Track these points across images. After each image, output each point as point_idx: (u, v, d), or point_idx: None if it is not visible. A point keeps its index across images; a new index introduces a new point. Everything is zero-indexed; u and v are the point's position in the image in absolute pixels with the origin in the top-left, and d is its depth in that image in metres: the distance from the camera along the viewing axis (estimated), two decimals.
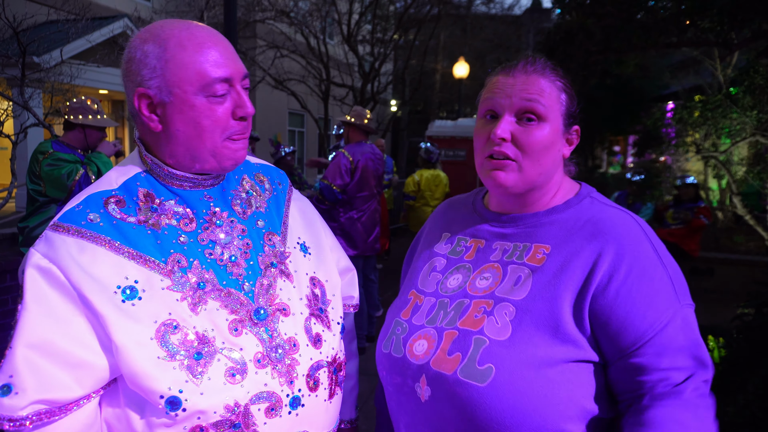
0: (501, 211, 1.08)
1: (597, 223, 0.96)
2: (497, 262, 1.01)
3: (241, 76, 0.96)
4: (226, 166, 0.98)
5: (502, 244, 1.04)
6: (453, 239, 1.13)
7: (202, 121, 0.92)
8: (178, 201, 0.99)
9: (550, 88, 0.99)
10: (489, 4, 20.58)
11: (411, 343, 1.00)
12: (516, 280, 0.96)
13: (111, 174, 1.00)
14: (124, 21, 8.72)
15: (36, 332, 0.84)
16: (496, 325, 0.93)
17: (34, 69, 4.83)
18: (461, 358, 0.91)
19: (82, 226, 0.91)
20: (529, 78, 0.99)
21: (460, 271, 1.05)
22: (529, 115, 0.97)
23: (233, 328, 0.92)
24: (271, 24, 10.95)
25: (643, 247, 0.92)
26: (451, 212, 1.21)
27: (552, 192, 1.04)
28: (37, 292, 0.86)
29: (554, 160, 1.00)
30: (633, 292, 0.89)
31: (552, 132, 0.98)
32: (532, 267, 0.96)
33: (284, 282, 1.02)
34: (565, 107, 1.00)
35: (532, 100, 0.97)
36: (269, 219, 1.08)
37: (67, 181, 3.21)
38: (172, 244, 0.94)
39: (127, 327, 0.86)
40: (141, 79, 0.93)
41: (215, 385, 0.88)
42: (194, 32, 0.93)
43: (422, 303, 1.06)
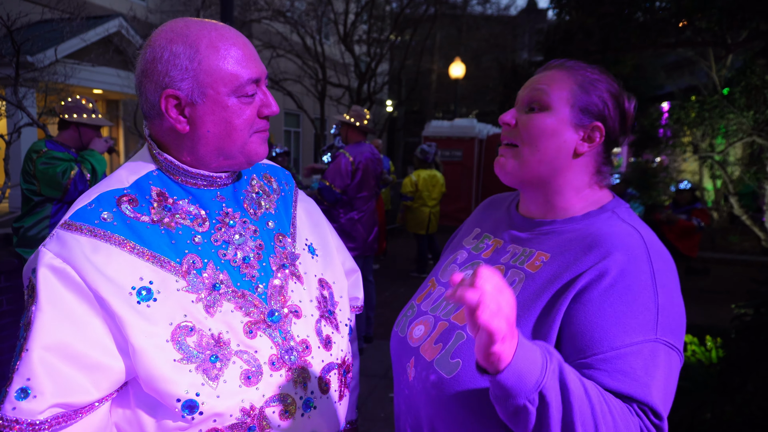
0: (526, 215, 1.07)
1: (599, 237, 0.92)
2: (504, 264, 1.02)
3: (265, 76, 0.98)
4: (253, 160, 0.99)
5: (514, 247, 1.04)
6: (480, 235, 1.16)
7: (234, 120, 0.93)
8: (191, 200, 0.97)
9: (564, 78, 0.99)
10: (485, 5, 20.62)
11: (413, 326, 1.06)
12: (510, 284, 0.96)
13: (121, 172, 0.98)
14: (119, 20, 8.67)
15: (52, 334, 0.82)
16: None
17: (27, 68, 4.79)
18: (441, 348, 0.96)
19: (96, 225, 0.88)
20: (549, 72, 1.01)
21: (473, 267, 1.04)
22: (532, 105, 1.00)
23: (248, 330, 0.91)
24: (267, 24, 10.93)
25: (639, 267, 0.87)
26: (489, 209, 1.22)
27: (571, 197, 1.01)
28: (52, 293, 0.84)
29: (559, 151, 0.98)
30: (606, 304, 0.84)
31: (555, 121, 0.97)
32: (527, 273, 0.96)
33: (295, 284, 1.02)
34: (576, 98, 0.98)
35: (539, 90, 0.99)
36: (279, 220, 1.08)
37: (62, 179, 3.18)
38: (187, 245, 0.93)
39: (144, 329, 0.84)
40: (170, 81, 0.91)
41: (231, 388, 0.87)
42: (224, 33, 0.93)
43: (434, 291, 1.11)
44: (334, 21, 11.51)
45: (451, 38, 19.05)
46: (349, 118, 4.29)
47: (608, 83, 1.01)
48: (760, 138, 4.58)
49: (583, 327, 0.84)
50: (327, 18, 11.95)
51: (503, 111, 4.11)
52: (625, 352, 0.81)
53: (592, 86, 0.99)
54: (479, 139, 11.79)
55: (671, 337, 0.85)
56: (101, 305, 0.85)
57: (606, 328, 0.83)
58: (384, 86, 13.83)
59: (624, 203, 1.03)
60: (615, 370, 0.81)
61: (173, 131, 0.95)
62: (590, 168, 1.01)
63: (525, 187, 1.04)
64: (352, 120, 4.27)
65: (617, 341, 0.82)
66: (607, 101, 0.99)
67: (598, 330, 0.83)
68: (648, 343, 0.82)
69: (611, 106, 1.00)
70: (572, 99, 0.98)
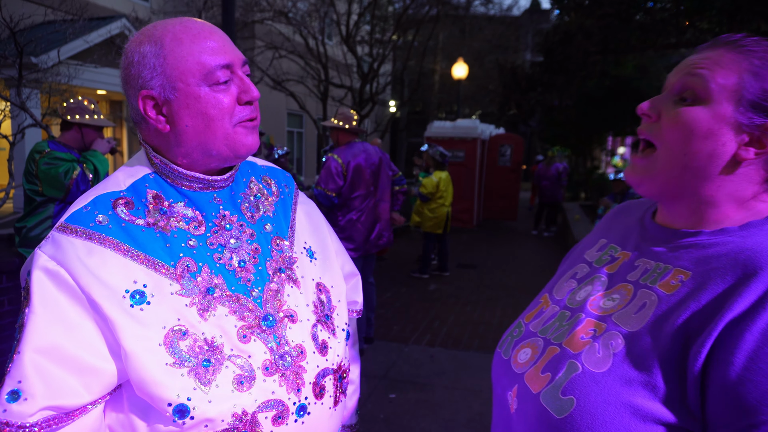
0: (664, 224, 0.87)
1: (757, 254, 0.71)
2: (632, 282, 0.84)
3: (240, 62, 0.95)
4: (241, 152, 0.96)
5: (645, 262, 0.85)
6: (605, 246, 0.98)
7: (210, 110, 0.91)
8: (187, 203, 0.97)
9: (734, 62, 0.76)
10: (488, 5, 20.61)
11: (518, 348, 0.91)
12: (639, 307, 0.79)
13: (118, 174, 0.98)
14: (122, 21, 8.70)
15: (44, 337, 0.83)
16: (597, 354, 0.78)
17: (31, 69, 4.81)
18: (549, 380, 0.80)
19: (91, 228, 0.89)
20: (715, 51, 0.77)
21: (594, 283, 0.92)
22: (684, 94, 0.78)
23: (242, 334, 0.91)
24: (270, 24, 10.94)
25: None
26: (619, 216, 1.04)
27: (730, 209, 0.79)
28: (45, 296, 0.84)
29: (712, 156, 0.76)
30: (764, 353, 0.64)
31: (710, 117, 0.76)
32: (660, 294, 0.77)
33: (292, 288, 1.01)
34: (745, 89, 0.75)
35: (696, 75, 0.77)
36: (277, 223, 1.07)
37: (65, 179, 3.20)
38: (182, 248, 0.92)
39: (136, 332, 0.84)
40: (143, 81, 0.91)
41: (223, 393, 0.86)
42: (188, 25, 0.92)
43: (546, 310, 0.96)
44: (336, 22, 11.51)
45: (453, 39, 19.03)
46: (337, 122, 4.30)
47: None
48: None
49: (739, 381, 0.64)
50: (329, 19, 11.96)
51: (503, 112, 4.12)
52: None
53: (765, 70, 0.76)
54: (482, 140, 11.77)
55: None
56: (94, 308, 0.85)
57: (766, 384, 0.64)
58: (387, 87, 13.81)
59: None
60: None
61: (157, 132, 0.95)
62: (758, 176, 0.78)
63: (665, 199, 0.84)
64: (340, 123, 4.28)
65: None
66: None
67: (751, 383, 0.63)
68: None
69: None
70: (740, 90, 0.75)
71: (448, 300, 6.03)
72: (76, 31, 5.32)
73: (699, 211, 0.81)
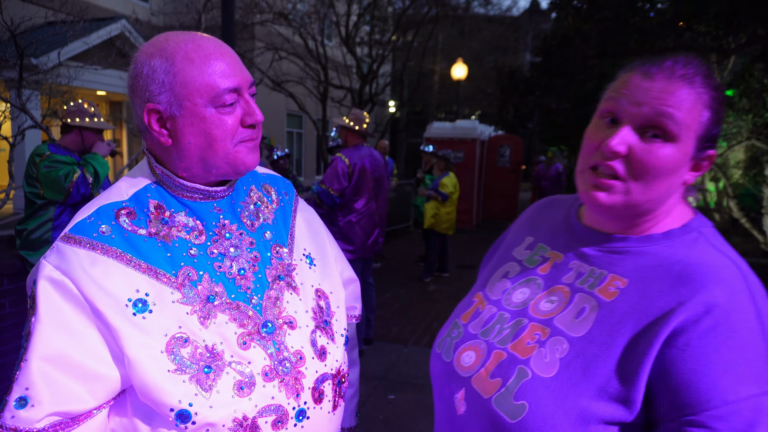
0: (592, 226, 0.92)
1: (689, 267, 0.78)
2: (568, 285, 0.89)
3: (248, 85, 0.97)
4: (241, 170, 0.98)
5: (579, 265, 0.90)
6: (533, 245, 1.02)
7: (213, 131, 0.93)
8: (188, 213, 0.99)
9: (694, 101, 0.79)
10: (487, 6, 20.62)
11: (461, 351, 0.94)
12: (579, 312, 0.84)
13: (121, 184, 1.00)
14: (122, 23, 8.70)
15: (50, 345, 0.85)
16: (545, 359, 0.82)
17: (31, 71, 4.82)
18: (500, 385, 0.84)
19: (94, 239, 0.91)
20: (671, 85, 0.79)
21: (530, 285, 0.95)
22: (655, 131, 0.80)
23: (242, 341, 0.93)
24: (270, 26, 10.95)
25: (742, 307, 0.74)
26: (544, 213, 1.07)
27: (660, 218, 0.87)
28: (51, 305, 0.86)
29: (671, 187, 0.83)
30: (710, 349, 0.71)
31: (679, 155, 0.80)
32: (600, 300, 0.83)
33: (291, 295, 1.02)
34: (704, 128, 0.81)
35: (664, 115, 0.79)
36: (276, 231, 1.08)
37: (65, 182, 3.21)
38: (183, 257, 0.94)
39: (139, 340, 0.86)
40: (150, 95, 0.93)
41: (224, 399, 0.88)
42: (200, 44, 0.93)
43: (483, 310, 0.98)
44: (336, 23, 11.51)
45: (453, 39, 19.04)
46: (348, 122, 4.30)
47: (722, 90, 0.83)
48: (759, 141, 4.58)
49: (686, 378, 0.72)
50: (329, 20, 11.96)
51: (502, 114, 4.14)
52: (743, 407, 0.69)
53: (717, 105, 0.81)
54: (481, 141, 11.79)
55: None
56: (97, 317, 0.87)
57: (716, 379, 0.70)
58: (386, 87, 13.82)
59: (708, 222, 0.88)
60: (732, 430, 0.69)
61: (159, 144, 0.97)
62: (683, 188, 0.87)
63: (621, 217, 0.87)
64: (351, 124, 4.28)
65: (731, 395, 0.70)
66: (722, 118, 0.84)
67: (706, 380, 0.71)
68: (763, 397, 0.70)
69: (722, 120, 0.85)
70: (701, 128, 0.81)
71: (447, 301, 6.04)
72: (77, 33, 5.33)
73: (634, 221, 0.86)
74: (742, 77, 4.56)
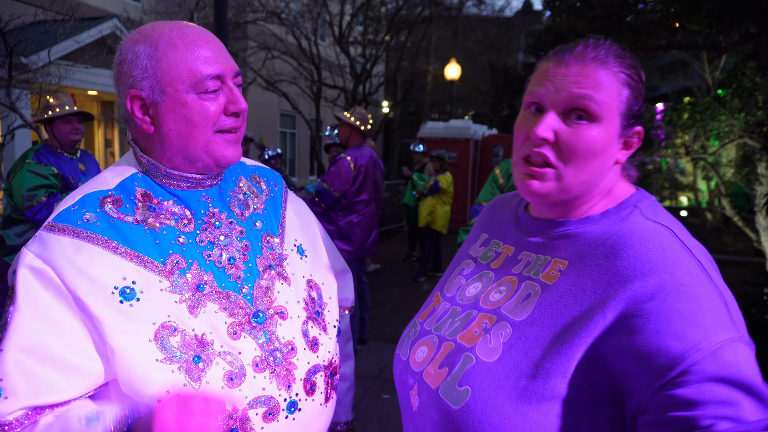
0: (538, 217, 0.94)
1: (621, 238, 0.79)
2: (516, 275, 0.90)
3: (232, 73, 0.95)
4: (221, 163, 0.96)
5: (527, 255, 0.92)
6: (488, 242, 1.03)
7: (194, 117, 0.91)
8: (176, 201, 0.97)
9: (611, 81, 0.81)
10: (480, 6, 20.68)
11: (415, 347, 0.95)
12: (524, 298, 0.85)
13: (106, 174, 0.98)
14: (113, 21, 8.64)
15: (28, 335, 0.83)
16: (489, 345, 0.83)
17: (21, 70, 4.77)
18: (446, 374, 0.84)
19: (78, 226, 0.89)
20: (586, 68, 0.81)
21: (482, 280, 0.97)
22: (578, 113, 0.81)
23: (232, 331, 0.91)
24: (262, 25, 10.91)
25: (685, 263, 0.74)
26: (495, 211, 1.08)
27: (596, 199, 0.88)
28: (30, 294, 0.84)
29: (603, 167, 0.84)
30: (666, 309, 0.69)
31: (605, 135, 0.82)
32: (543, 284, 0.84)
33: (282, 285, 1.01)
34: (625, 105, 0.83)
35: (584, 97, 0.80)
36: (267, 220, 1.08)
37: (25, 201, 3.06)
38: (171, 245, 0.93)
39: (125, 329, 0.84)
40: (133, 81, 0.92)
41: (214, 389, 0.87)
42: (185, 31, 0.93)
43: (438, 307, 1.00)
44: (329, 22, 11.49)
45: (446, 40, 19.07)
46: (354, 120, 4.16)
47: (637, 66, 0.85)
48: (751, 140, 4.61)
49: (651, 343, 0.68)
50: (322, 19, 11.94)
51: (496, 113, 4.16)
52: (717, 353, 0.66)
53: (636, 82, 0.83)
54: (474, 140, 11.81)
55: (746, 333, 0.71)
56: (80, 307, 0.85)
57: (681, 334, 0.67)
58: (379, 87, 13.82)
59: (649, 196, 0.88)
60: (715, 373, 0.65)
61: (143, 132, 0.96)
62: (619, 168, 0.89)
63: (560, 203, 0.89)
64: (357, 123, 4.16)
65: (701, 344, 0.67)
66: (642, 93, 0.85)
67: (672, 338, 0.67)
68: (736, 341, 0.68)
69: (643, 95, 0.85)
70: (622, 105, 0.83)
71: None
72: (67, 32, 5.29)
73: (572, 205, 0.88)
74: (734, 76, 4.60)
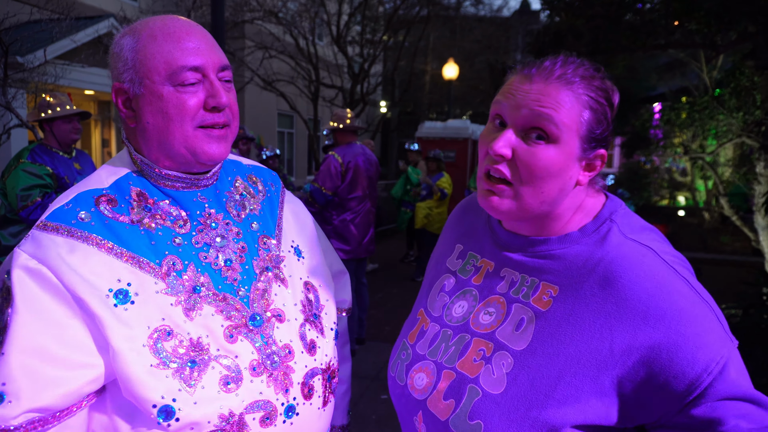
0: (511, 230, 0.93)
1: (611, 266, 0.81)
2: (503, 295, 0.90)
3: (216, 67, 0.92)
4: (202, 159, 0.93)
5: (510, 273, 0.91)
6: (464, 254, 1.01)
7: (169, 110, 0.89)
8: (172, 202, 0.95)
9: (572, 102, 0.80)
10: (478, 6, 20.68)
11: (412, 373, 0.94)
12: (518, 324, 0.86)
13: (101, 173, 0.96)
14: (110, 21, 8.60)
15: (30, 338, 0.80)
16: (492, 375, 0.84)
17: (17, 69, 4.74)
18: (454, 407, 0.85)
19: (73, 225, 0.87)
20: (549, 86, 0.80)
21: (466, 298, 0.96)
22: (537, 132, 0.81)
23: (228, 334, 0.90)
24: (260, 24, 10.88)
25: (675, 287, 0.77)
26: (466, 219, 1.06)
27: (568, 215, 0.88)
28: (28, 295, 0.81)
29: (562, 188, 0.84)
30: (673, 339, 0.75)
31: (562, 156, 0.81)
32: (536, 311, 0.84)
33: (279, 287, 1.00)
34: (586, 128, 0.82)
35: (543, 117, 0.80)
36: (263, 222, 1.06)
37: (18, 201, 3.03)
38: (167, 246, 0.91)
39: (121, 332, 0.83)
40: (117, 74, 0.92)
41: (209, 394, 0.85)
42: (168, 23, 0.92)
43: (428, 328, 0.98)
44: (327, 22, 11.47)
45: (444, 39, 19.06)
46: (333, 124, 4.35)
47: (608, 88, 0.85)
48: (749, 139, 4.61)
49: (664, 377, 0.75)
50: (320, 19, 11.92)
51: None
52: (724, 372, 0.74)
53: (599, 105, 0.83)
54: (472, 140, 11.80)
55: (729, 331, 0.78)
56: (80, 306, 0.83)
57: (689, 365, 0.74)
58: (377, 87, 13.79)
59: (618, 205, 0.90)
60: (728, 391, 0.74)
61: (128, 128, 0.95)
62: (585, 186, 0.89)
63: (522, 220, 0.90)
64: (335, 124, 4.33)
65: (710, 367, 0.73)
66: (608, 117, 0.84)
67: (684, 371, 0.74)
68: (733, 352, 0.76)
69: (611, 119, 0.85)
70: (581, 127, 0.82)
71: None
72: (63, 31, 5.26)
73: (544, 223, 0.88)
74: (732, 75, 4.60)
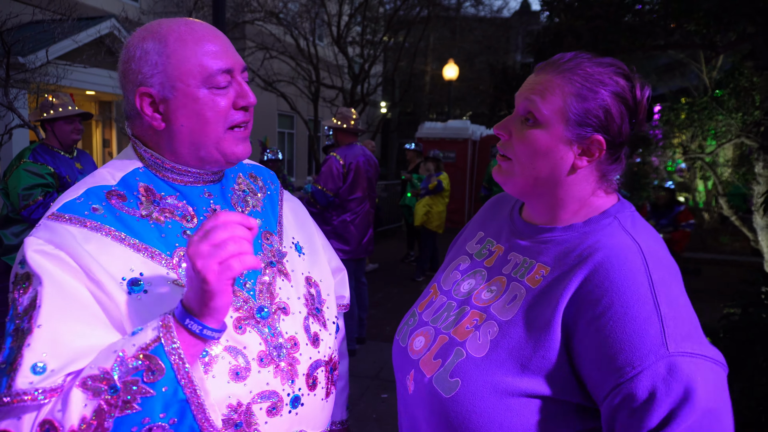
0: (529, 220, 1.01)
1: (592, 248, 0.86)
2: (506, 275, 0.97)
3: (241, 68, 0.96)
4: (231, 159, 0.97)
5: (515, 256, 0.98)
6: (483, 240, 1.10)
7: (206, 113, 0.92)
8: (179, 197, 0.97)
9: (559, 86, 0.88)
10: (478, 7, 20.69)
11: (414, 336, 1.02)
12: (512, 299, 0.92)
13: (104, 171, 0.97)
14: (112, 21, 8.62)
15: (60, 311, 0.80)
16: (478, 341, 0.91)
17: (18, 69, 4.76)
18: (440, 365, 0.92)
19: (86, 216, 0.88)
20: (545, 76, 0.90)
21: (476, 277, 1.03)
22: (528, 116, 0.91)
23: (237, 325, 0.91)
24: (261, 25, 10.90)
25: (636, 284, 0.80)
26: (494, 210, 1.15)
27: (575, 206, 0.94)
28: (50, 276, 0.81)
29: (555, 169, 0.91)
30: (607, 330, 0.79)
31: (548, 138, 0.89)
32: (527, 287, 0.91)
33: (283, 281, 1.02)
34: (571, 112, 0.88)
35: (531, 101, 0.90)
36: (266, 218, 1.08)
37: (21, 200, 3.05)
38: (177, 238, 0.93)
39: (135, 319, 0.84)
40: (142, 78, 0.92)
41: (219, 384, 0.87)
42: (193, 26, 0.93)
43: (436, 300, 1.06)
44: (327, 22, 11.48)
45: (444, 40, 19.07)
46: (336, 122, 4.31)
47: (613, 81, 0.88)
48: (748, 139, 4.63)
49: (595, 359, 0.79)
50: (320, 19, 11.93)
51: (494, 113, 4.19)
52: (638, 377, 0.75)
53: (592, 92, 0.87)
54: (473, 141, 11.82)
55: (685, 346, 0.76)
56: (100, 288, 0.84)
57: (610, 360, 0.77)
58: (377, 88, 13.81)
59: (628, 206, 0.94)
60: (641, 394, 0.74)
61: (152, 129, 0.96)
62: (593, 177, 0.93)
63: (526, 198, 0.98)
64: (339, 123, 4.29)
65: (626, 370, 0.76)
66: (610, 107, 0.88)
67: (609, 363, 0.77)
68: (662, 361, 0.75)
69: (615, 111, 0.88)
70: (566, 112, 0.88)
71: None
72: (65, 31, 5.27)
73: (553, 210, 0.95)
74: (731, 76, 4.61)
